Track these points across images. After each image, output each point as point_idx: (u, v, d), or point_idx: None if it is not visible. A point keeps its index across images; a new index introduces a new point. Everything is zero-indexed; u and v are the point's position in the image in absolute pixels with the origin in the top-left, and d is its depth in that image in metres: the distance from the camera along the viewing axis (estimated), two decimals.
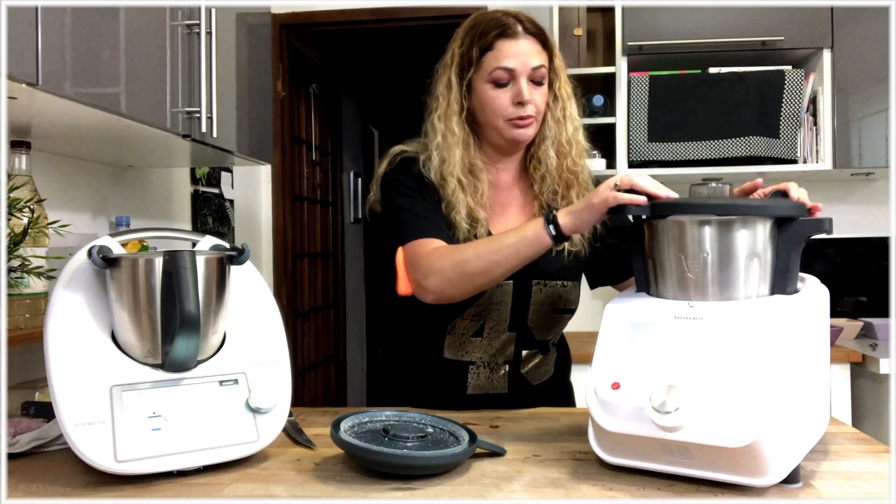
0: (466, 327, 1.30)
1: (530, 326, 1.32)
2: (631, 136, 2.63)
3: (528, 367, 1.35)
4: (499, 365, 1.32)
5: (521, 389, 1.34)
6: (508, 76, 1.24)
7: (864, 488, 0.84)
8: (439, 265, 1.17)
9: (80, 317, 0.94)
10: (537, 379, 1.36)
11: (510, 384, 1.33)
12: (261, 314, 1.07)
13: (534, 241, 1.11)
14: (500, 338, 1.31)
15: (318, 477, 0.92)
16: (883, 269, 2.77)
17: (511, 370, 1.33)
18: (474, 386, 1.32)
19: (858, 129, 2.56)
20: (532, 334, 1.33)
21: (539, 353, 1.36)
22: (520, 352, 1.33)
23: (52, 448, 1.04)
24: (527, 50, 1.24)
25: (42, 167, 1.65)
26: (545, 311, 1.31)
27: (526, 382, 1.35)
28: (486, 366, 1.32)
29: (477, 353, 1.31)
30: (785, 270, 0.88)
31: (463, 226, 1.24)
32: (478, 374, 1.32)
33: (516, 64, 1.23)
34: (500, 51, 1.23)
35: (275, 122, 2.97)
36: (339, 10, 3.10)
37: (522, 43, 1.24)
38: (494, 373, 1.32)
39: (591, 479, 0.88)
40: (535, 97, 1.25)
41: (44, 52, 1.10)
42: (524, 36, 1.24)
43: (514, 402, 1.31)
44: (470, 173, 1.27)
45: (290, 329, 3.25)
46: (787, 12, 2.55)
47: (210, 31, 1.61)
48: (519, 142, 1.29)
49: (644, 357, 0.87)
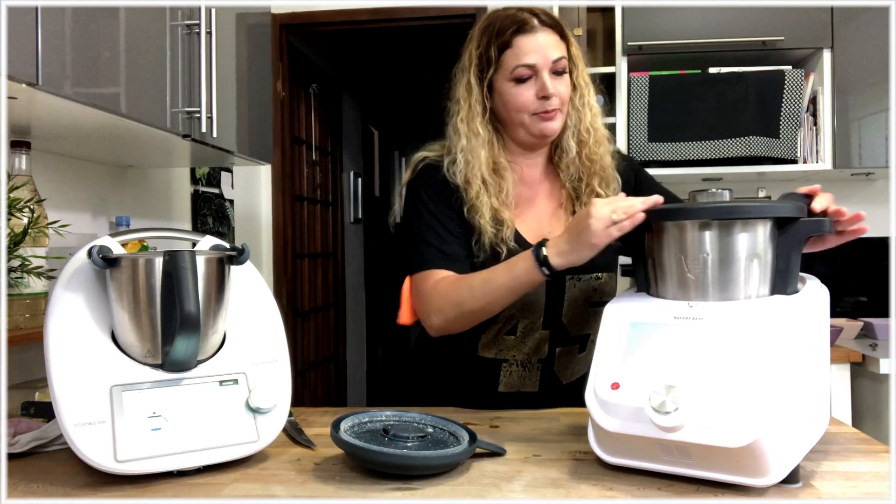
0: (500, 326, 1.29)
1: (565, 323, 1.30)
2: (631, 136, 2.63)
3: (561, 366, 1.34)
4: (532, 364, 1.32)
5: (551, 388, 1.33)
6: (530, 72, 1.24)
7: (864, 488, 0.84)
8: (439, 305, 1.21)
9: (80, 317, 0.94)
10: (567, 377, 1.35)
11: (541, 382, 1.33)
12: (261, 314, 1.07)
13: (526, 280, 1.13)
14: (534, 336, 1.30)
15: (318, 477, 0.92)
16: (883, 269, 2.77)
17: (544, 368, 1.32)
18: (506, 384, 1.32)
19: (858, 129, 2.56)
20: (567, 331, 1.31)
21: (576, 351, 1.34)
22: (554, 349, 1.31)
23: (52, 448, 1.04)
24: (545, 43, 1.24)
25: (42, 167, 1.65)
26: (580, 305, 1.30)
27: (556, 380, 1.34)
28: (519, 364, 1.32)
29: (511, 351, 1.31)
30: (785, 271, 0.88)
31: (488, 230, 1.24)
32: (510, 371, 1.32)
33: (537, 59, 1.23)
34: (520, 47, 1.23)
35: (275, 122, 2.97)
36: (339, 10, 3.10)
37: (541, 36, 1.24)
38: (527, 371, 1.32)
39: (591, 479, 0.88)
40: (559, 88, 1.25)
41: (44, 52, 1.10)
42: (541, 29, 1.24)
43: (544, 400, 1.30)
44: (494, 173, 1.27)
45: (290, 329, 3.25)
46: (787, 12, 2.55)
47: (210, 31, 1.61)
48: (547, 135, 1.29)
49: (644, 357, 0.87)
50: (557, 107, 1.26)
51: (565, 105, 1.28)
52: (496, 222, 1.25)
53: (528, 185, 1.34)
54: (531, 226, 1.31)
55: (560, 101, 1.26)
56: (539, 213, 1.34)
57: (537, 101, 1.24)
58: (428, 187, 1.29)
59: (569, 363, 1.35)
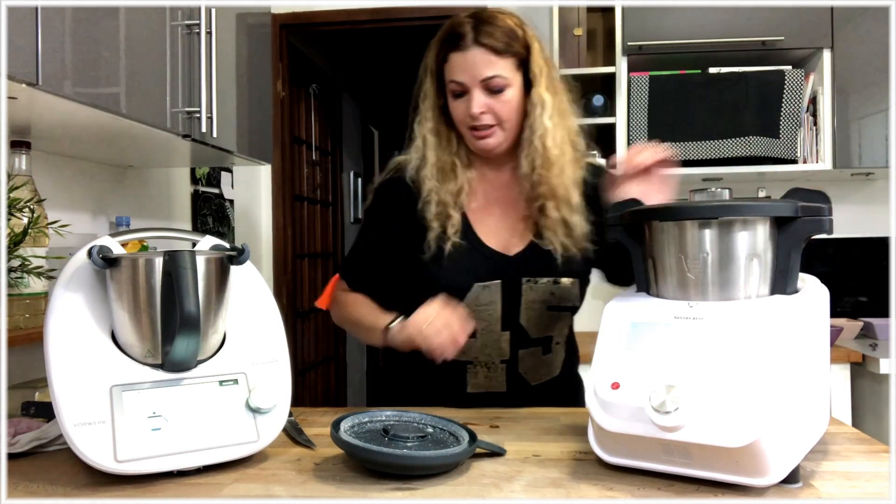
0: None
1: (523, 325, 1.31)
2: (631, 136, 2.63)
3: (527, 367, 1.34)
4: (496, 365, 1.32)
5: (519, 389, 1.34)
6: (461, 88, 1.25)
7: (864, 488, 0.84)
8: (335, 311, 1.42)
9: (80, 317, 0.94)
10: (537, 379, 1.36)
11: (508, 383, 1.33)
12: (261, 314, 1.07)
13: (375, 339, 1.27)
14: (493, 337, 1.31)
15: (318, 477, 0.92)
16: (883, 269, 2.77)
17: (509, 369, 1.33)
18: (474, 384, 1.33)
19: (858, 129, 2.56)
20: (527, 333, 1.32)
21: (540, 353, 1.35)
22: (516, 351, 1.32)
23: (52, 448, 1.04)
24: (476, 61, 1.22)
25: (42, 167, 1.65)
26: (537, 308, 1.30)
27: (524, 382, 1.34)
28: (483, 365, 1.32)
29: (473, 352, 1.31)
30: (785, 270, 0.88)
31: (434, 227, 1.28)
32: (476, 372, 1.33)
33: (465, 77, 1.23)
34: (452, 64, 1.24)
35: (275, 122, 2.97)
36: (339, 10, 3.10)
37: (471, 54, 1.22)
38: (492, 372, 1.33)
39: (591, 479, 0.88)
40: (495, 106, 1.24)
41: (44, 52, 1.10)
42: (473, 47, 1.22)
43: (514, 400, 1.31)
44: (446, 174, 1.30)
45: (290, 329, 3.25)
46: (787, 12, 2.55)
47: (210, 31, 1.61)
48: (484, 151, 1.30)
49: (644, 357, 0.87)
50: (490, 123, 1.25)
51: (508, 122, 1.26)
52: (442, 220, 1.28)
53: (494, 186, 1.35)
54: (492, 230, 1.33)
55: (495, 119, 1.25)
56: (503, 218, 1.34)
57: (469, 117, 1.25)
58: (384, 194, 1.36)
59: (535, 365, 1.34)
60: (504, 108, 1.25)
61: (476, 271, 1.29)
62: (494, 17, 1.25)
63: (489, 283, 1.28)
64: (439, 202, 1.28)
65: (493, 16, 1.25)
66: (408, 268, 1.32)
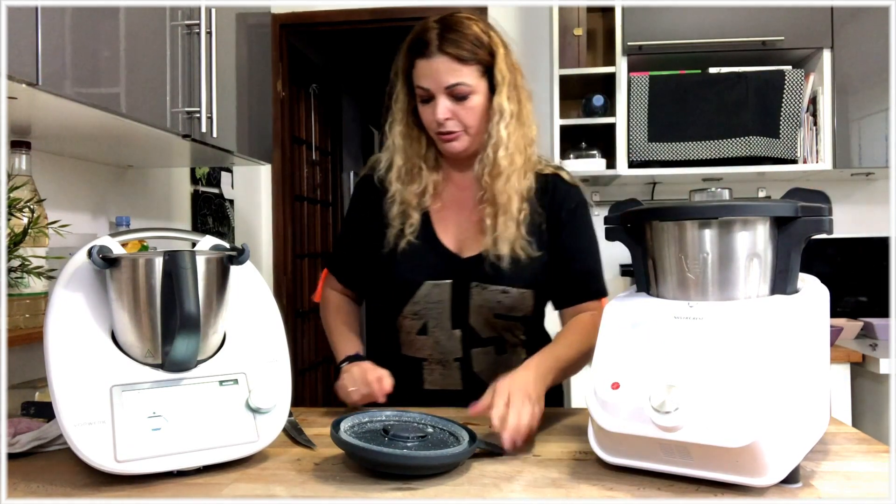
0: (411, 325, 1.33)
1: (473, 326, 1.32)
2: (631, 136, 2.63)
3: (482, 367, 1.33)
4: (450, 363, 1.33)
5: (476, 388, 1.29)
6: (427, 94, 1.26)
7: (864, 488, 0.84)
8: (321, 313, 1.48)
9: (80, 317, 0.94)
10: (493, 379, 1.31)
11: (464, 382, 1.34)
12: (261, 314, 1.07)
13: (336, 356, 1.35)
14: (445, 335, 1.32)
15: (318, 477, 0.92)
16: (883, 269, 2.77)
17: (463, 368, 1.33)
18: (430, 381, 1.35)
19: (858, 129, 2.56)
20: (478, 333, 1.32)
21: (493, 353, 1.34)
22: (469, 350, 1.32)
23: (52, 448, 1.04)
24: (439, 69, 1.23)
25: (42, 167, 1.65)
26: (485, 314, 1.30)
27: (481, 381, 1.31)
28: (437, 362, 1.34)
29: (427, 350, 1.34)
30: (785, 270, 0.88)
31: (394, 224, 1.32)
32: (432, 370, 1.34)
33: (430, 84, 1.24)
34: (418, 70, 1.26)
35: (275, 122, 2.97)
36: (339, 10, 3.10)
37: (435, 62, 1.23)
38: (447, 370, 1.34)
39: (591, 479, 0.88)
40: (460, 112, 1.25)
41: (44, 52, 1.10)
42: (437, 54, 1.23)
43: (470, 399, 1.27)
44: (412, 176, 1.32)
45: (290, 329, 3.24)
46: (787, 12, 2.55)
47: (210, 31, 1.61)
48: (449, 154, 1.32)
49: (644, 357, 0.87)
50: (455, 130, 1.26)
51: (472, 127, 1.27)
52: (402, 220, 1.31)
53: (459, 188, 1.36)
54: (451, 230, 1.34)
55: (460, 125, 1.26)
56: (462, 219, 1.34)
57: (434, 123, 1.26)
58: (361, 189, 1.41)
59: (490, 364, 1.34)
60: (468, 115, 1.26)
61: (429, 269, 1.31)
62: (460, 24, 1.25)
63: (440, 282, 1.30)
64: (402, 202, 1.32)
65: (459, 22, 1.25)
66: (371, 262, 1.36)
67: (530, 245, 1.28)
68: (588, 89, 2.76)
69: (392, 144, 1.34)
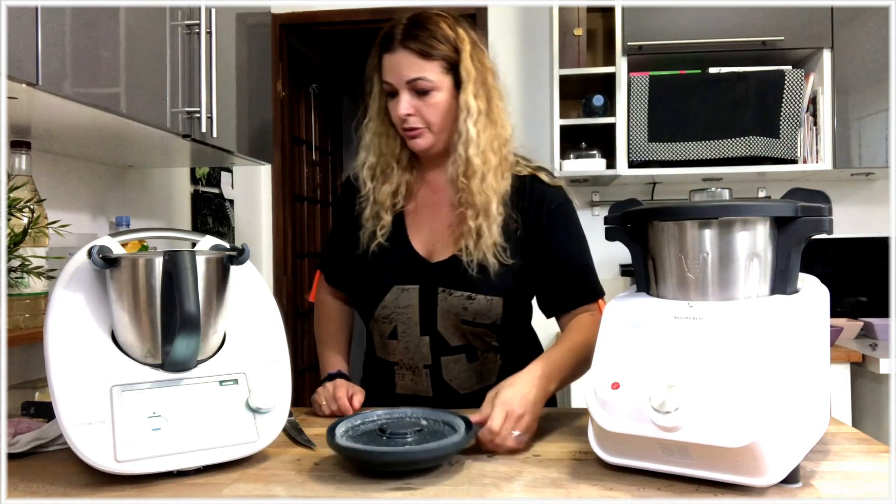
0: (382, 329, 1.33)
1: (441, 333, 1.29)
2: (631, 136, 2.63)
3: (452, 375, 1.31)
4: (420, 369, 1.31)
5: (446, 396, 1.31)
6: (391, 89, 1.25)
7: (864, 488, 0.84)
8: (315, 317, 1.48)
9: (80, 317, 0.94)
10: (464, 388, 1.32)
11: (434, 389, 1.32)
12: (261, 314, 1.07)
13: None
14: (414, 341, 1.30)
15: (317, 477, 0.92)
16: (883, 269, 2.77)
17: (433, 375, 1.31)
18: (401, 386, 1.34)
19: (858, 129, 2.56)
20: (446, 340, 1.29)
21: (464, 360, 1.30)
22: (438, 357, 1.30)
23: (52, 448, 1.04)
24: (401, 63, 1.22)
25: (42, 167, 1.65)
26: (452, 320, 1.27)
27: (451, 389, 1.31)
28: (407, 368, 1.33)
29: (397, 355, 1.33)
30: (785, 270, 0.88)
31: (366, 227, 1.31)
32: (402, 374, 1.34)
33: (393, 78, 1.24)
34: (383, 65, 1.25)
35: (275, 122, 2.97)
36: (339, 10, 3.10)
37: (397, 56, 1.22)
38: (417, 376, 1.32)
39: (591, 479, 0.88)
40: (422, 109, 1.23)
41: (44, 52, 1.10)
42: (399, 49, 1.22)
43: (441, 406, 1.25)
44: (385, 176, 1.31)
45: (290, 329, 3.24)
46: (787, 12, 2.55)
47: (210, 31, 1.61)
48: (416, 150, 1.29)
49: (644, 357, 0.87)
50: (418, 126, 1.24)
51: (436, 125, 1.25)
52: (374, 221, 1.31)
53: (432, 189, 1.34)
54: (423, 233, 1.32)
55: (422, 122, 1.24)
56: (435, 222, 1.31)
57: (398, 118, 1.25)
58: (344, 189, 1.42)
59: (460, 373, 1.31)
60: (431, 111, 1.24)
61: (397, 273, 1.29)
62: (428, 20, 1.23)
63: (408, 286, 1.28)
64: (375, 202, 1.31)
65: (427, 18, 1.24)
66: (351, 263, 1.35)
67: (505, 252, 1.24)
68: (588, 89, 2.76)
69: (366, 142, 1.33)
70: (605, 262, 3.07)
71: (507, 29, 3.05)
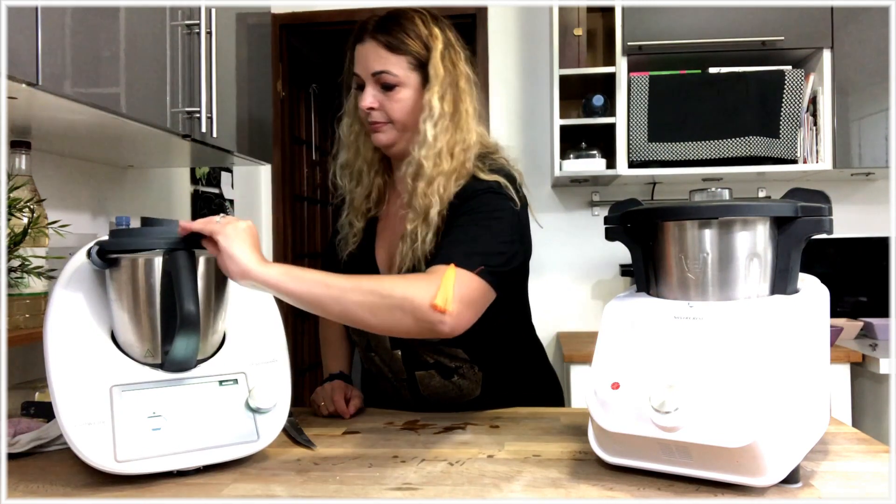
0: (359, 341, 1.32)
1: (411, 347, 1.25)
2: (631, 136, 2.63)
3: (430, 391, 1.28)
4: (399, 381, 1.30)
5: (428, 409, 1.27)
6: (358, 80, 1.23)
7: (864, 488, 0.84)
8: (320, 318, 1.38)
9: (80, 317, 0.94)
10: (446, 403, 1.27)
11: (415, 402, 1.29)
12: (261, 314, 1.07)
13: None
14: (388, 354, 1.28)
15: (318, 477, 0.92)
16: (883, 269, 2.77)
17: (411, 389, 1.29)
18: (389, 397, 1.34)
19: (858, 129, 2.56)
20: (418, 354, 1.25)
21: (437, 376, 1.26)
22: (412, 372, 1.27)
23: (52, 448, 1.04)
24: (368, 54, 1.19)
25: (42, 167, 1.65)
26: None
27: (430, 405, 1.28)
28: (386, 380, 1.32)
29: (376, 366, 1.32)
30: (785, 270, 0.88)
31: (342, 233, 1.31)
32: (385, 387, 1.33)
33: (360, 69, 1.21)
34: (355, 56, 1.22)
35: (275, 122, 2.97)
36: (339, 10, 3.10)
37: (365, 47, 1.20)
38: (395, 389, 1.32)
39: (591, 479, 0.88)
40: (386, 104, 1.19)
41: (44, 52, 1.10)
42: (368, 40, 1.19)
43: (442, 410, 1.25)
44: (360, 177, 1.29)
45: (290, 329, 3.24)
46: (787, 12, 2.55)
47: (210, 31, 1.61)
48: (377, 146, 1.24)
49: (644, 357, 0.87)
50: (379, 120, 1.20)
51: (399, 122, 1.20)
52: (348, 227, 1.30)
53: (398, 194, 1.28)
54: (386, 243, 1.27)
55: (384, 116, 1.20)
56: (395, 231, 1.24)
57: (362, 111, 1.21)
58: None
59: (437, 389, 1.27)
60: (395, 108, 1.19)
61: None
62: (402, 15, 1.21)
63: None
64: (349, 205, 1.30)
65: (402, 13, 1.21)
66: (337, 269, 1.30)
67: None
68: (588, 89, 2.76)
69: (339, 138, 1.31)
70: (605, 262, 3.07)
71: (507, 29, 3.05)
